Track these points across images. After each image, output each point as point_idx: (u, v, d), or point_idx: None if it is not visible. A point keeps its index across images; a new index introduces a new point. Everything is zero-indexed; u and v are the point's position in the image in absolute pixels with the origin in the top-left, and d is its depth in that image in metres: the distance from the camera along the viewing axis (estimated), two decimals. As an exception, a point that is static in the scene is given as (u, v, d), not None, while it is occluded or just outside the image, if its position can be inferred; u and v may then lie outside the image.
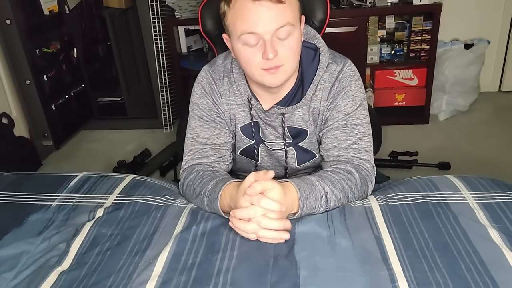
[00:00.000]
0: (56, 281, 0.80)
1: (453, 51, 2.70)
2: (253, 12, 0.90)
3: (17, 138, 2.54)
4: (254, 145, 1.16)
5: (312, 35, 1.09)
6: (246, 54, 0.96)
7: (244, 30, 0.92)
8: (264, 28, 0.91)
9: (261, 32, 0.91)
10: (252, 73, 0.99)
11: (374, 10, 2.61)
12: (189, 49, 2.94)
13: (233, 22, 0.95)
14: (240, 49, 0.96)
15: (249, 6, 0.90)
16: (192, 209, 0.99)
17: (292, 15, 0.93)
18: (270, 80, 0.98)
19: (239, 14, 0.93)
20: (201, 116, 1.11)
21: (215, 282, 0.75)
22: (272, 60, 0.93)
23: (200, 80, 1.12)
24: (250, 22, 0.91)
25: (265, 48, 0.92)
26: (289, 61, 0.96)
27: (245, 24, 0.92)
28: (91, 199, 1.05)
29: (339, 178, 0.97)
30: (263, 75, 0.97)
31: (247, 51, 0.95)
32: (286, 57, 0.95)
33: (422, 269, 0.75)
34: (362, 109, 1.06)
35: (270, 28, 0.91)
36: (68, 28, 2.92)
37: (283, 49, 0.94)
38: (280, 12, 0.91)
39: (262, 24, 0.91)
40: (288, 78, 1.01)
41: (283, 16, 0.91)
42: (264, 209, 0.84)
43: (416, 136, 2.63)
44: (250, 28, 0.92)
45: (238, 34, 0.94)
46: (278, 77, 0.97)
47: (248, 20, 0.91)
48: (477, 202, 0.93)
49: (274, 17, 0.91)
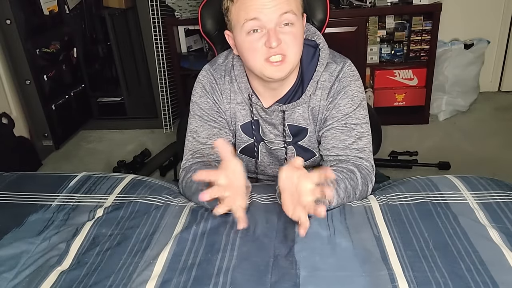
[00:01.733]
0: (56, 281, 0.80)
1: (453, 51, 2.70)
2: (257, 1, 0.92)
3: (17, 138, 2.54)
4: (254, 143, 1.16)
5: (312, 32, 1.10)
6: (250, 44, 0.96)
7: (247, 17, 0.94)
8: (268, 15, 0.92)
9: (264, 20, 0.93)
10: (255, 65, 0.98)
11: (374, 10, 2.61)
12: (189, 49, 2.94)
13: (237, 13, 0.96)
14: (244, 40, 0.96)
15: None
16: (192, 208, 0.99)
17: (295, 5, 0.95)
18: (273, 73, 0.98)
19: (243, 4, 0.94)
20: (202, 116, 1.11)
21: (215, 282, 0.75)
22: (275, 48, 0.94)
23: (201, 79, 1.12)
24: (254, 10, 0.93)
25: (269, 36, 0.93)
26: (292, 50, 0.96)
27: (249, 12, 0.93)
28: (91, 199, 1.05)
29: (342, 177, 0.97)
30: (267, 67, 0.97)
31: (251, 40, 0.95)
32: (288, 45, 0.95)
33: (422, 269, 0.75)
34: (361, 109, 1.06)
35: (273, 15, 0.92)
36: (68, 28, 2.92)
37: (286, 37, 0.94)
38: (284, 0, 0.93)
39: (266, 11, 0.92)
40: (292, 71, 1.01)
41: (286, 3, 0.93)
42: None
43: (416, 136, 2.63)
44: (253, 15, 0.93)
45: (241, 22, 0.95)
46: (282, 68, 0.97)
47: (252, 7, 0.93)
48: (477, 202, 0.93)
49: (277, 4, 0.92)
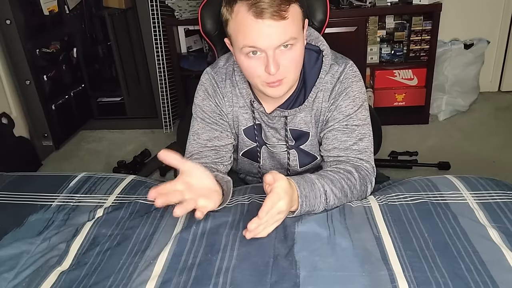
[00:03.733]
0: (56, 281, 0.80)
1: (452, 51, 2.70)
2: (255, 29, 0.88)
3: (17, 138, 2.54)
4: (256, 147, 1.16)
5: (315, 37, 1.08)
6: (248, 66, 0.95)
7: (245, 44, 0.91)
8: (267, 44, 0.90)
9: (263, 47, 0.90)
10: (255, 84, 0.99)
11: (374, 10, 2.61)
12: (189, 50, 2.94)
13: (235, 34, 0.93)
14: (243, 61, 0.95)
15: (251, 22, 0.88)
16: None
17: (295, 28, 0.91)
18: (272, 92, 0.98)
19: (241, 27, 0.91)
20: (204, 118, 1.11)
21: (215, 282, 0.75)
22: (275, 74, 0.92)
23: (204, 82, 1.12)
24: (252, 38, 0.90)
25: (268, 63, 0.91)
26: (292, 72, 0.96)
27: (247, 39, 0.90)
28: (91, 199, 1.05)
29: (338, 177, 0.97)
30: (265, 86, 0.97)
31: (250, 63, 0.94)
32: (288, 68, 0.94)
33: (422, 269, 0.75)
34: (363, 110, 1.06)
35: (272, 44, 0.90)
36: (68, 28, 2.92)
37: (286, 61, 0.93)
38: (283, 28, 0.89)
39: (265, 40, 0.89)
40: (290, 88, 1.01)
41: (286, 32, 0.89)
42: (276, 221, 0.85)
43: (416, 136, 2.63)
44: (251, 43, 0.90)
45: (240, 46, 0.93)
46: (280, 89, 0.97)
47: (250, 35, 0.90)
48: (476, 202, 0.93)
49: (277, 34, 0.89)
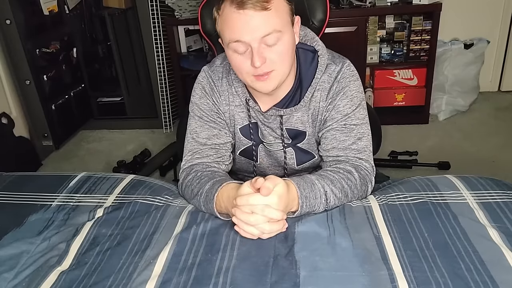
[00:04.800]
0: (56, 281, 0.80)
1: (452, 51, 2.70)
2: (239, 21, 0.90)
3: (17, 138, 2.54)
4: (252, 146, 1.16)
5: (310, 37, 1.09)
6: (236, 62, 0.96)
7: (231, 38, 0.93)
8: (250, 36, 0.91)
9: (247, 40, 0.91)
10: (244, 79, 1.00)
11: (373, 10, 2.61)
12: (189, 49, 2.94)
13: (222, 30, 0.95)
14: (231, 56, 0.97)
15: (234, 15, 0.90)
16: (192, 209, 0.99)
17: (279, 21, 0.92)
18: (261, 87, 0.98)
19: (226, 22, 0.93)
20: (201, 117, 1.11)
21: (215, 282, 0.75)
22: (261, 67, 0.93)
23: (201, 80, 1.13)
24: (236, 31, 0.91)
25: (253, 56, 0.92)
26: (279, 66, 0.96)
27: (232, 33, 0.92)
28: (91, 199, 1.05)
29: (338, 177, 0.97)
30: (254, 81, 0.97)
31: (237, 58, 0.95)
32: (275, 62, 0.95)
33: (421, 269, 0.76)
34: (361, 109, 1.06)
35: (256, 36, 0.91)
36: (68, 28, 2.92)
37: (272, 55, 0.93)
38: (266, 19, 0.90)
39: (248, 32, 0.90)
40: (281, 83, 1.00)
41: (269, 23, 0.90)
42: (266, 218, 0.85)
43: (415, 136, 2.63)
44: (236, 37, 0.92)
45: (227, 42, 0.95)
46: (270, 83, 0.97)
47: (234, 28, 0.91)
48: (476, 202, 0.93)
49: (259, 25, 0.90)
